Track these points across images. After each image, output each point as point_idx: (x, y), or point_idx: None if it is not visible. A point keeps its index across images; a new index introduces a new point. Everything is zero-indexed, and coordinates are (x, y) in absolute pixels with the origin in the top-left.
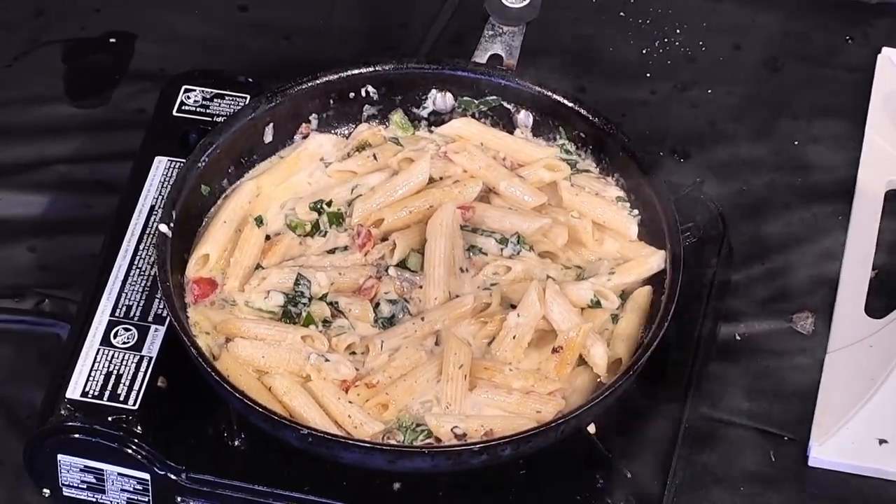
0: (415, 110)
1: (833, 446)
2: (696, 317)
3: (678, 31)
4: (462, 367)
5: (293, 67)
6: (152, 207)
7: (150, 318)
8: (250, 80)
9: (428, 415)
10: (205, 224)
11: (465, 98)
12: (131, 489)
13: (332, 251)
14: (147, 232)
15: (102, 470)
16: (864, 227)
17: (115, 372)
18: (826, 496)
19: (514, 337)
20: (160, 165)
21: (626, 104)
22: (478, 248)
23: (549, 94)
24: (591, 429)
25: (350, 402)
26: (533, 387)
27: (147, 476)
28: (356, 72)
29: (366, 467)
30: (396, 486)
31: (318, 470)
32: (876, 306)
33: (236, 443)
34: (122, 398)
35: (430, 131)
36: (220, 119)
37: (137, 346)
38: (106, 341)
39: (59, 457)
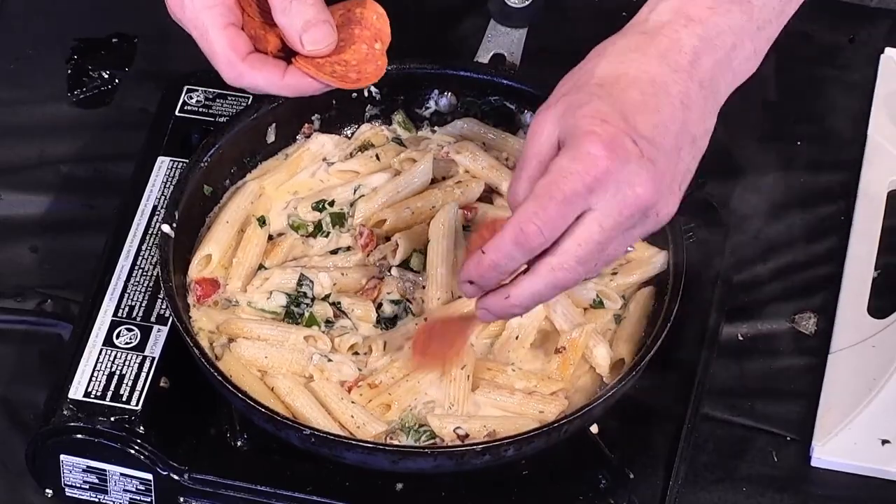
0: (417, 110)
1: (835, 446)
2: (699, 317)
3: None
4: (465, 367)
5: None
6: (155, 207)
7: (152, 319)
8: None
9: (430, 415)
10: (207, 224)
11: (467, 98)
12: (134, 489)
13: (334, 251)
14: (149, 232)
15: (105, 470)
16: (867, 228)
17: (117, 372)
18: (828, 496)
19: (516, 337)
20: (163, 165)
21: None
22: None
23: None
24: (594, 429)
25: (353, 402)
26: (535, 387)
27: (150, 476)
28: None
29: (368, 468)
30: (399, 486)
31: (320, 470)
32: (878, 306)
33: (239, 443)
34: (124, 398)
35: (433, 131)
36: (222, 119)
37: (140, 347)
38: (108, 342)
39: (62, 457)
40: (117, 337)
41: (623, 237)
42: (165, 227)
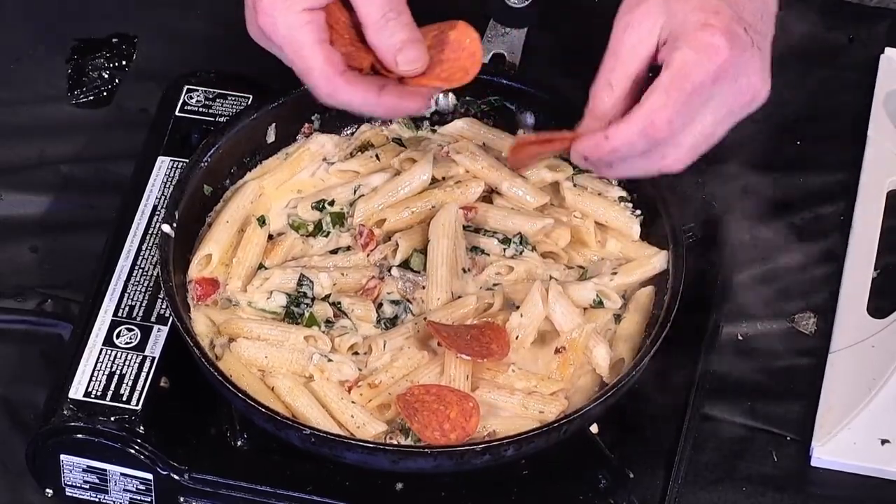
0: None
1: (835, 446)
2: (699, 317)
3: None
4: (464, 367)
5: None
6: (155, 207)
7: (152, 319)
8: (253, 80)
9: None
10: (207, 224)
11: (467, 98)
12: (134, 489)
13: (334, 251)
14: (150, 232)
15: (105, 470)
16: (867, 227)
17: (117, 372)
18: (828, 496)
19: (516, 337)
20: (163, 165)
21: None
22: (480, 248)
23: (552, 93)
24: (594, 429)
25: (353, 402)
26: (535, 387)
27: (150, 476)
28: None
29: (368, 467)
30: (399, 486)
31: (320, 470)
32: (878, 306)
33: (239, 443)
34: (124, 398)
35: (433, 131)
36: (222, 119)
37: (140, 347)
38: (108, 341)
39: (62, 457)
40: (117, 337)
41: (728, 123)
42: (165, 227)
